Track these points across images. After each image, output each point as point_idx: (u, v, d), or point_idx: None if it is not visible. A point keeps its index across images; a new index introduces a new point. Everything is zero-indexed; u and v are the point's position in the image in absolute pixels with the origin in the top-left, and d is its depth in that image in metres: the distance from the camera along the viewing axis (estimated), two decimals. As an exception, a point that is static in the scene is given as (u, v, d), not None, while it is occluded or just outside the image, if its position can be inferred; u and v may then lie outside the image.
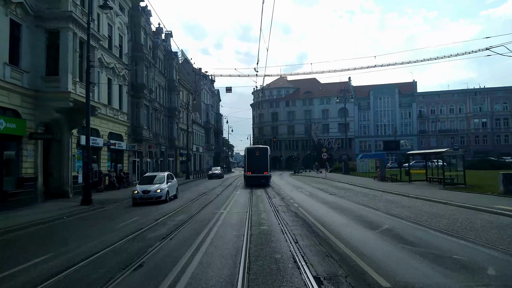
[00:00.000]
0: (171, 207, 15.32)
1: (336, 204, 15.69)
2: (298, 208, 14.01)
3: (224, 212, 13.02)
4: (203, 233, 9.25)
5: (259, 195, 19.83)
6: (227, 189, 25.69)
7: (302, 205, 14.85)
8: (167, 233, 9.47)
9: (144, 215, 13.04)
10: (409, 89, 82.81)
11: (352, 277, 5.67)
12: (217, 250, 7.54)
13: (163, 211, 14.02)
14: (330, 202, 16.30)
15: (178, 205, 15.96)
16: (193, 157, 57.18)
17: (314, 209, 13.99)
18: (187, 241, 8.37)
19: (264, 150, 28.40)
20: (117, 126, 27.39)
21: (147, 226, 10.61)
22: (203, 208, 14.67)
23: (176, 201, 18.30)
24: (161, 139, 39.98)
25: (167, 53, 43.20)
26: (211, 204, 16.14)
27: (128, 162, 29.57)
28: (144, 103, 31.51)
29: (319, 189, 23.89)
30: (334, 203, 15.90)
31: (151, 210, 14.69)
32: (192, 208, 14.73)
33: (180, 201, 17.75)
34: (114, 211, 14.97)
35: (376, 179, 30.60)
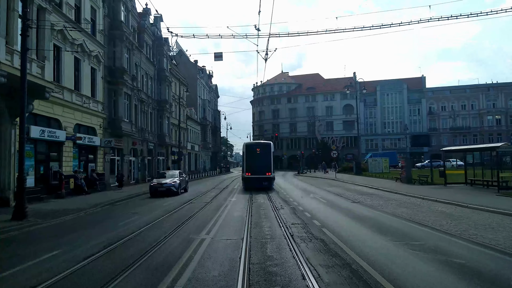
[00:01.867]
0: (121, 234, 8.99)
1: (372, 219, 10.87)
2: (322, 229, 9.16)
3: (205, 241, 7.92)
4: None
5: (261, 204, 14.98)
6: (221, 194, 20.82)
7: (326, 224, 9.99)
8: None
9: (69, 247, 7.69)
10: (418, 84, 78.11)
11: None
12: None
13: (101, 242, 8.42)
14: (361, 216, 11.46)
15: (135, 226, 10.11)
16: (187, 156, 52.28)
17: (345, 230, 9.18)
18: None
19: (266, 146, 23.55)
20: (88, 117, 22.55)
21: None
22: (176, 229, 9.44)
23: (143, 217, 12.11)
24: (149, 135, 35.12)
25: (156, 39, 38.33)
26: (192, 220, 11.03)
27: (103, 161, 24.72)
28: (124, 91, 26.65)
29: (335, 194, 19.08)
30: (367, 218, 11.07)
31: (80, 238, 8.71)
32: (155, 234, 8.94)
33: (148, 217, 12.06)
34: (48, 232, 10.10)
35: (399, 181, 25.80)
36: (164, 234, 8.68)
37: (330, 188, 23.60)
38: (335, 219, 10.82)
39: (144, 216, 12.02)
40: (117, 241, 8.10)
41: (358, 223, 10.23)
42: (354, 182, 27.68)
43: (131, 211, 13.51)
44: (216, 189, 24.10)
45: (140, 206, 15.40)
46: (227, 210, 13.08)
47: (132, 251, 7.20)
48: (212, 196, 19.16)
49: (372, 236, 8.41)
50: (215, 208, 13.58)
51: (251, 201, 16.24)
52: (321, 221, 10.30)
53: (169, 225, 10.06)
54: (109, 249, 7.37)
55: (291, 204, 15.00)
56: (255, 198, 17.61)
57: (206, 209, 13.65)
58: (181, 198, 18.26)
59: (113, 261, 6.55)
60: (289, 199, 16.84)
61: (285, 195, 19.16)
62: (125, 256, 6.78)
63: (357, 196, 18.05)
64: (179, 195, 19.66)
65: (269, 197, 17.91)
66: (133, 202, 17.35)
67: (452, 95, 76.00)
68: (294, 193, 20.58)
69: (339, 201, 16.22)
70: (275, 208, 13.29)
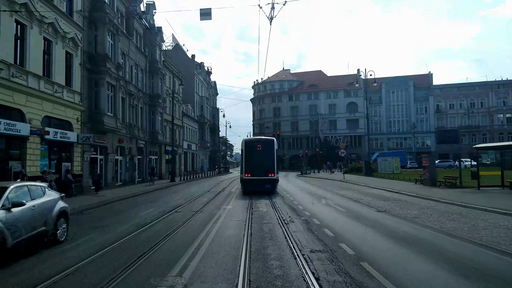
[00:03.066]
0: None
1: (423, 241, 7.70)
2: (360, 263, 5.87)
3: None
4: None
5: (264, 215, 11.76)
6: (215, 199, 17.60)
7: (363, 252, 6.70)
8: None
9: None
10: (425, 81, 74.99)
11: None
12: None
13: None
14: (406, 236, 8.27)
15: (75, 257, 6.66)
16: (183, 155, 49.06)
17: (399, 265, 5.97)
18: None
19: (268, 143, 20.32)
20: (61, 109, 19.36)
21: None
22: (135, 264, 5.99)
23: (101, 236, 8.68)
24: (139, 132, 31.93)
25: (148, 28, 35.14)
26: (166, 244, 7.55)
27: (81, 160, 21.53)
28: (107, 81, 23.44)
29: (352, 200, 15.89)
30: (416, 239, 7.90)
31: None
32: (96, 277, 5.47)
33: (108, 236, 8.50)
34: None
35: (419, 183, 22.64)
36: (112, 275, 5.43)
37: (342, 191, 20.40)
38: (373, 243, 7.55)
39: (104, 235, 8.82)
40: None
41: (408, 249, 7.02)
42: (368, 184, 24.49)
43: (93, 225, 10.33)
44: (211, 193, 20.90)
45: (109, 217, 12.22)
46: (219, 225, 9.83)
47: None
48: (204, 202, 15.94)
49: (442, 277, 5.23)
50: (203, 222, 10.34)
51: (250, 209, 13.05)
52: (353, 246, 7.06)
53: (129, 254, 6.77)
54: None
55: (302, 214, 11.78)
56: (255, 205, 14.41)
57: (192, 222, 10.41)
58: (165, 205, 15.03)
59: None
60: (297, 207, 13.63)
61: (291, 200, 15.95)
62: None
63: (379, 202, 14.87)
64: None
65: (273, 203, 14.72)
66: (105, 211, 14.18)
67: (460, 92, 72.94)
68: (301, 198, 17.37)
69: (361, 209, 13.01)
70: (283, 222, 10.08)
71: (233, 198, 17.37)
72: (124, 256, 6.64)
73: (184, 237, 8.26)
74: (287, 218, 10.70)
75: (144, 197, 19.40)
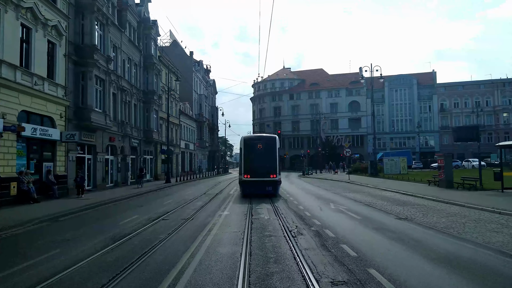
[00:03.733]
0: None
1: (471, 262, 5.94)
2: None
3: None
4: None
5: (266, 224, 9.94)
6: (210, 203, 15.79)
7: (400, 281, 4.97)
8: None
9: None
10: (428, 80, 73.31)
11: None
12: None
13: None
14: (448, 255, 6.52)
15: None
16: (180, 155, 47.26)
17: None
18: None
19: (270, 141, 18.51)
20: (42, 103, 17.56)
21: None
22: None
23: (62, 255, 6.78)
24: (132, 130, 30.13)
25: (142, 21, 33.38)
26: (138, 268, 5.77)
27: (66, 160, 19.73)
28: (95, 74, 21.65)
29: (364, 204, 14.11)
30: (452, 255, 6.17)
31: None
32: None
33: (72, 254, 6.75)
34: None
35: (433, 185, 20.89)
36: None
37: (351, 194, 18.61)
38: (413, 269, 5.70)
39: (66, 253, 7.01)
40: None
41: (462, 277, 5.23)
42: (376, 185, 22.71)
43: (60, 238, 8.53)
44: (207, 196, 19.10)
45: (84, 226, 10.43)
46: (211, 238, 7.96)
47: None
48: (198, 207, 14.13)
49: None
50: (192, 234, 8.49)
51: (250, 216, 11.26)
52: (388, 274, 5.22)
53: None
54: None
55: (311, 222, 9.99)
56: (256, 210, 12.63)
57: (178, 235, 8.58)
58: (154, 210, 13.23)
59: None
60: (304, 213, 11.84)
61: (296, 205, 14.16)
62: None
63: (396, 207, 13.09)
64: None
65: (276, 209, 12.93)
66: (83, 218, 12.39)
67: (465, 91, 71.26)
68: (307, 201, 15.58)
69: (378, 216, 11.22)
70: (289, 234, 8.28)
71: (231, 202, 15.56)
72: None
73: (163, 257, 6.45)
74: (294, 229, 8.91)
75: (132, 201, 17.61)
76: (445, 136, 70.25)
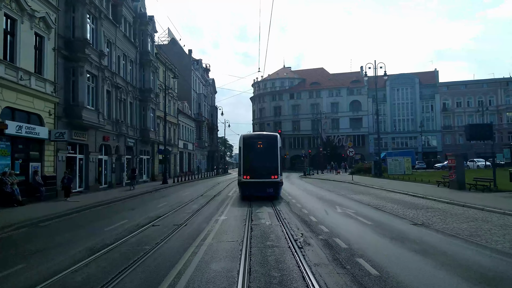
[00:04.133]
0: None
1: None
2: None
3: None
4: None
5: (267, 231, 8.86)
6: (207, 206, 14.72)
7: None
8: None
9: None
10: (431, 79, 72.30)
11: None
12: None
13: None
14: (477, 269, 5.51)
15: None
16: (178, 155, 46.18)
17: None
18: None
19: (271, 139, 17.42)
20: (28, 100, 16.50)
21: None
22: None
23: (23, 274, 5.62)
24: (128, 129, 29.07)
25: (138, 17, 32.32)
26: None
27: (55, 160, 18.65)
28: (87, 70, 20.58)
29: (373, 207, 13.04)
30: (492, 272, 5.11)
31: None
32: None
33: (34, 271, 5.65)
34: None
35: (442, 186, 19.84)
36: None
37: (357, 195, 17.54)
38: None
39: (33, 268, 5.96)
40: None
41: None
42: (382, 186, 21.64)
43: (33, 248, 7.46)
44: (204, 198, 18.03)
45: (65, 233, 9.36)
46: (203, 250, 6.82)
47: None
48: (193, 210, 13.04)
49: None
50: (183, 244, 7.34)
51: (249, 221, 10.19)
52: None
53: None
54: None
55: (317, 229, 8.91)
56: (256, 214, 11.56)
57: (167, 245, 7.45)
58: (145, 214, 12.15)
59: None
60: (309, 218, 10.77)
61: (299, 208, 13.09)
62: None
63: (409, 211, 12.02)
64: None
65: (277, 212, 11.86)
66: (66, 223, 11.32)
67: (468, 90, 70.20)
68: (311, 204, 14.50)
69: (391, 222, 10.15)
70: (294, 244, 7.21)
71: (229, 205, 14.49)
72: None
73: (144, 277, 5.36)
74: (300, 238, 7.84)
75: (124, 204, 16.53)
76: (447, 136, 69.28)
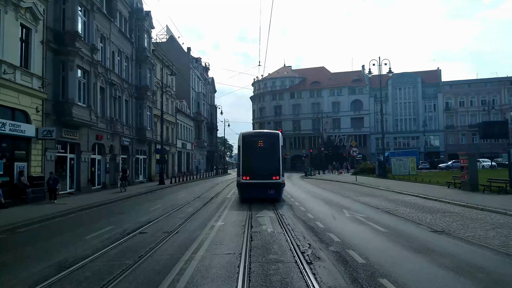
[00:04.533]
0: None
1: None
2: None
3: None
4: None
5: (269, 241, 7.77)
6: (203, 210, 13.63)
7: None
8: None
9: None
10: (433, 78, 71.29)
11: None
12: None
13: None
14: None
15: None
16: (176, 155, 45.09)
17: None
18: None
19: (272, 137, 16.33)
20: (13, 95, 15.41)
21: None
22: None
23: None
24: (123, 127, 27.98)
25: (135, 12, 31.26)
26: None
27: (43, 160, 17.56)
28: (78, 65, 19.52)
29: (384, 211, 11.95)
30: None
31: None
32: None
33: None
34: None
35: (453, 187, 18.78)
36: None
37: (364, 198, 16.46)
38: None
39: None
40: None
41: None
42: (389, 188, 20.57)
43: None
44: (201, 200, 16.94)
45: (40, 241, 8.30)
46: (194, 266, 5.66)
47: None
48: (188, 214, 11.96)
49: None
50: (170, 258, 6.21)
51: (249, 228, 9.12)
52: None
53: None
54: None
55: (327, 238, 7.83)
56: (256, 220, 10.48)
57: (153, 257, 6.34)
58: (134, 219, 11.06)
59: None
60: (316, 224, 9.69)
61: (304, 212, 12.00)
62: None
63: (424, 215, 10.94)
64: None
65: (280, 218, 10.78)
66: (45, 229, 10.24)
67: (471, 89, 69.13)
68: (316, 208, 13.42)
69: (408, 229, 9.06)
70: (302, 258, 6.13)
71: (227, 209, 13.40)
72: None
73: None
74: (307, 249, 6.75)
75: (114, 207, 15.44)
76: (450, 135, 68.26)
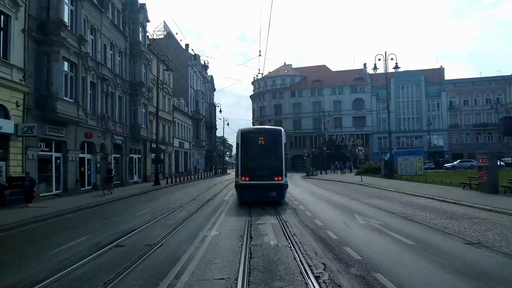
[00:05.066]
0: None
1: None
2: None
3: None
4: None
5: (272, 259, 6.28)
6: (198, 214, 12.16)
7: None
8: None
9: None
10: (437, 76, 69.90)
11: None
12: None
13: None
14: None
15: None
16: (173, 154, 43.61)
17: None
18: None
19: (274, 134, 14.85)
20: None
21: None
22: None
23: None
24: (115, 125, 26.50)
25: (128, 4, 29.80)
26: None
27: (24, 159, 16.09)
28: (64, 56, 18.05)
29: (401, 217, 10.50)
30: None
31: None
32: None
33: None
34: None
35: (469, 188, 17.33)
36: None
37: (373, 200, 14.99)
38: None
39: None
40: None
41: None
42: (398, 189, 19.10)
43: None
44: (195, 203, 15.47)
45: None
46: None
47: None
48: (178, 220, 10.48)
49: None
50: (145, 282, 4.89)
51: (248, 240, 7.66)
52: None
53: None
54: None
55: (345, 255, 6.37)
56: (256, 228, 9.02)
57: (123, 282, 5.00)
58: (116, 227, 9.59)
59: None
60: (327, 234, 8.23)
61: (311, 218, 10.54)
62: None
63: (446, 222, 9.48)
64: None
65: (284, 225, 9.32)
66: (9, 240, 8.77)
67: (475, 87, 67.73)
68: (323, 212, 11.95)
69: (436, 240, 7.61)
70: (316, 283, 4.70)
71: (224, 213, 11.93)
72: None
73: None
74: (323, 273, 5.28)
75: (98, 210, 13.97)
76: (454, 135, 66.88)
